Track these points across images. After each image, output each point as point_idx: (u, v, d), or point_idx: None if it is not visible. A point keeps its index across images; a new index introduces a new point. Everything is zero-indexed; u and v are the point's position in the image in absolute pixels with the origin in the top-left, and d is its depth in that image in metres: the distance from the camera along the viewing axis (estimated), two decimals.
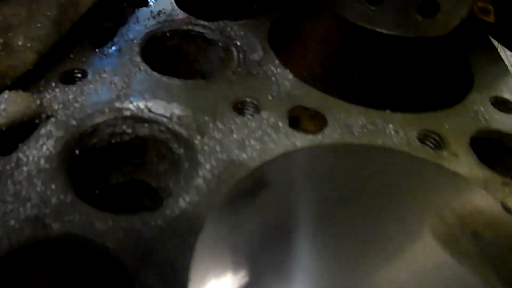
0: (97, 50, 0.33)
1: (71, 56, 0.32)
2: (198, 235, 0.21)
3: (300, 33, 0.37)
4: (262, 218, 0.24)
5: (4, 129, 0.25)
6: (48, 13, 0.29)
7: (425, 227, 0.26)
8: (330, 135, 0.27)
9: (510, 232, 0.24)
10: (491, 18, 0.36)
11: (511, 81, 0.35)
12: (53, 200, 0.22)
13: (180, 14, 0.39)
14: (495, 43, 0.41)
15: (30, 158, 0.24)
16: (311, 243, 0.24)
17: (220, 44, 0.36)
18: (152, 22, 0.37)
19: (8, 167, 0.23)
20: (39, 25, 0.29)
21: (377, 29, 0.28)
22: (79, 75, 0.30)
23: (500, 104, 0.33)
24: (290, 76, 0.32)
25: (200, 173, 0.24)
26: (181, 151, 0.27)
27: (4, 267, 0.21)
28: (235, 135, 0.26)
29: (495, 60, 0.37)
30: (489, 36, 0.40)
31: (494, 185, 0.26)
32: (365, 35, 0.29)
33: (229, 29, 0.37)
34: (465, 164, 0.26)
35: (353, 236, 0.25)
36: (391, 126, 0.28)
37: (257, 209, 0.24)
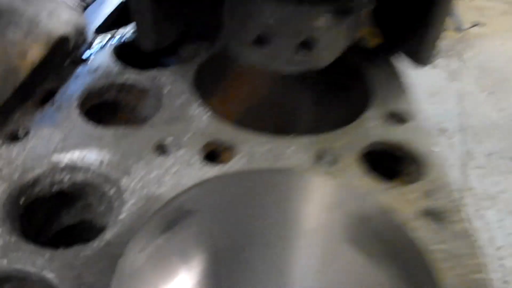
0: (39, 109, 0.38)
1: (16, 116, 0.36)
2: (118, 261, 0.25)
3: (219, 76, 0.42)
4: (178, 243, 0.28)
5: None
6: None
7: (327, 234, 0.31)
8: (237, 163, 0.31)
9: (391, 231, 0.29)
10: (380, 39, 0.42)
11: (406, 96, 0.40)
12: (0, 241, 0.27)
13: (115, 68, 0.44)
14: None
15: None
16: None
17: (151, 92, 0.41)
18: (90, 77, 0.42)
19: None
20: None
21: (271, 68, 0.33)
22: (22, 133, 0.35)
23: (394, 117, 0.38)
24: (209, 114, 0.36)
25: (125, 208, 0.28)
26: (112, 191, 0.31)
27: None
28: (154, 173, 0.30)
29: (393, 77, 0.42)
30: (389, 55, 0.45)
31: (377, 191, 0.30)
32: (266, 73, 0.34)
33: (160, 76, 0.42)
34: (353, 175, 0.31)
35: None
36: (292, 148, 0.33)
37: (173, 235, 0.28)
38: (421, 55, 0.42)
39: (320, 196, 0.30)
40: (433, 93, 3.12)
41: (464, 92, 3.14)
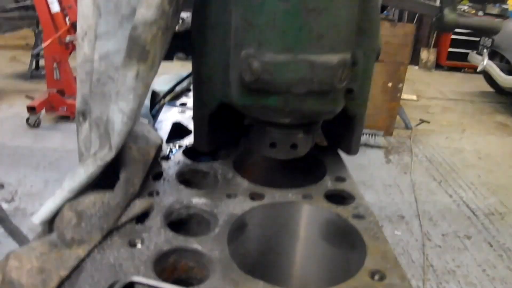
0: (157, 182, 0.73)
1: (147, 185, 0.72)
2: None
3: (248, 163, 0.80)
4: (246, 243, 0.63)
5: (139, 215, 0.63)
6: (142, 168, 0.69)
7: (311, 237, 0.66)
8: (266, 201, 0.68)
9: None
10: (325, 144, 0.81)
11: (345, 168, 0.79)
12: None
13: (188, 161, 0.80)
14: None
15: (154, 223, 0.62)
16: None
17: (211, 174, 0.78)
18: (176, 167, 0.78)
19: (146, 228, 0.62)
20: (139, 172, 0.69)
21: (278, 157, 0.70)
22: (155, 193, 0.70)
23: (339, 179, 0.76)
24: (247, 182, 0.73)
25: (219, 222, 0.64)
26: (209, 216, 0.66)
27: None
28: (231, 206, 0.66)
29: (337, 160, 0.82)
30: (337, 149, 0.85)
31: (333, 208, 0.67)
32: (273, 159, 0.72)
33: (214, 166, 0.79)
34: (321, 203, 0.68)
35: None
36: (290, 194, 0.69)
37: (244, 238, 0.63)
38: (350, 149, 0.82)
39: (306, 213, 0.67)
40: (389, 185, 3.56)
41: (417, 182, 3.60)
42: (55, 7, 3.65)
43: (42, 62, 4.79)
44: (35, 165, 3.10)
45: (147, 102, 0.98)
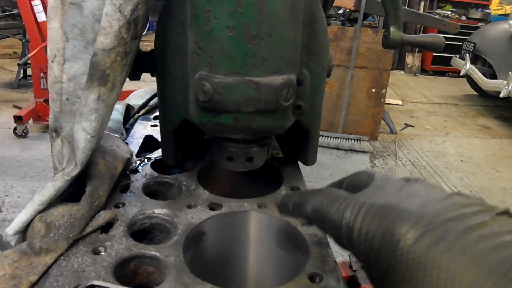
0: (124, 194, 0.78)
1: (114, 197, 0.77)
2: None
3: (211, 175, 0.85)
4: (204, 250, 0.68)
5: (103, 225, 0.68)
6: (108, 181, 0.74)
7: (266, 244, 0.72)
8: (223, 210, 0.73)
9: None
10: (281, 155, 0.87)
11: (301, 178, 0.85)
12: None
13: (155, 174, 0.85)
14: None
15: (117, 232, 0.67)
16: None
17: (176, 185, 0.83)
18: (143, 179, 0.83)
19: (109, 237, 0.66)
20: (105, 186, 0.74)
21: (235, 169, 0.76)
22: (121, 205, 0.75)
23: (293, 189, 0.81)
24: (207, 193, 0.78)
25: (179, 229, 0.69)
26: (169, 225, 0.71)
27: None
28: (189, 215, 0.71)
29: (295, 170, 0.87)
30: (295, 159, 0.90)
31: (284, 216, 0.72)
32: (232, 171, 0.77)
33: (179, 178, 0.84)
34: (273, 211, 0.73)
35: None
36: (246, 204, 0.75)
37: (201, 245, 0.68)
38: (307, 160, 0.87)
39: (260, 220, 0.72)
40: None
41: None
42: (41, 16, 3.68)
43: (29, 71, 4.82)
44: (22, 175, 3.12)
45: (119, 117, 1.03)
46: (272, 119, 0.66)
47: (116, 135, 0.94)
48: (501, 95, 5.14)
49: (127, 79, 0.80)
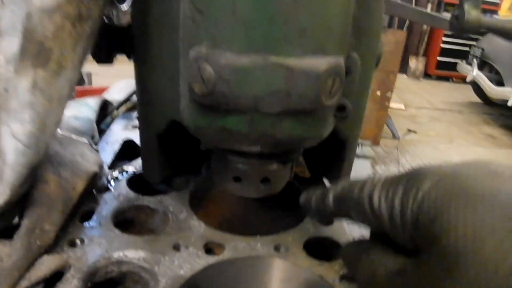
0: (86, 224, 0.55)
1: (70, 230, 0.54)
2: None
3: (206, 198, 0.62)
4: None
5: (48, 277, 0.45)
6: (61, 209, 0.51)
7: None
8: (226, 255, 0.50)
9: None
10: (307, 175, 0.64)
11: None
12: None
13: (132, 194, 0.63)
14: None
15: None
16: None
17: (160, 211, 0.60)
18: (115, 202, 0.60)
19: None
20: (55, 215, 0.51)
21: (245, 195, 0.53)
22: (79, 241, 0.52)
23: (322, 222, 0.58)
24: (203, 225, 0.55)
25: (160, 284, 0.46)
26: (148, 276, 0.48)
27: None
28: (176, 262, 0.48)
29: None
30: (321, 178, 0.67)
31: (315, 266, 0.50)
32: (239, 196, 0.54)
33: (164, 200, 0.61)
34: (299, 258, 0.50)
35: None
36: (259, 244, 0.52)
37: None
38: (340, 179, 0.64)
39: (280, 272, 0.49)
40: None
41: None
42: None
43: None
44: None
45: (91, 114, 0.79)
46: (306, 124, 0.44)
47: (82, 140, 0.70)
48: (509, 104, 4.95)
49: (95, 62, 0.57)
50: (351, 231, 0.56)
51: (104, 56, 0.56)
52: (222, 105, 0.41)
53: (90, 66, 0.63)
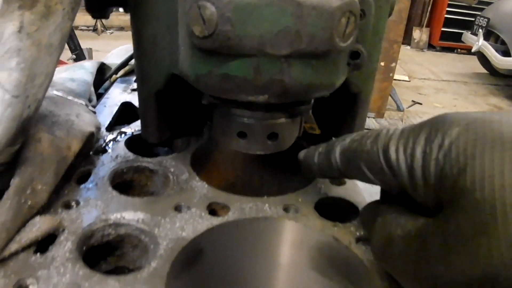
0: (81, 186, 0.52)
1: (65, 192, 0.50)
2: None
3: (208, 158, 0.58)
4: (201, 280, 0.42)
5: (40, 239, 0.42)
6: (54, 168, 0.48)
7: (297, 267, 0.46)
8: (232, 216, 0.47)
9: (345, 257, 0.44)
10: (317, 131, 0.60)
11: None
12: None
13: (131, 156, 0.59)
14: None
15: (60, 253, 0.41)
16: None
17: (160, 172, 0.56)
18: (113, 163, 0.57)
19: (47, 260, 0.40)
20: (48, 175, 0.47)
21: (250, 152, 0.49)
22: (74, 203, 0.48)
23: (335, 181, 0.55)
24: (206, 186, 0.52)
25: (161, 247, 0.42)
26: (147, 239, 0.45)
27: None
28: (177, 224, 0.45)
29: None
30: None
31: (328, 228, 0.46)
32: (244, 154, 0.51)
33: (164, 162, 0.58)
34: (310, 220, 0.47)
35: None
36: (267, 205, 0.49)
37: (197, 272, 0.42)
38: None
39: (290, 235, 0.46)
40: None
41: None
42: None
43: None
44: None
45: (88, 76, 0.75)
46: (317, 70, 0.40)
47: (79, 101, 0.67)
48: None
49: (95, 38, 0.53)
50: (366, 190, 0.53)
51: (98, 7, 0.52)
52: (225, 48, 0.37)
53: (91, 42, 0.59)
